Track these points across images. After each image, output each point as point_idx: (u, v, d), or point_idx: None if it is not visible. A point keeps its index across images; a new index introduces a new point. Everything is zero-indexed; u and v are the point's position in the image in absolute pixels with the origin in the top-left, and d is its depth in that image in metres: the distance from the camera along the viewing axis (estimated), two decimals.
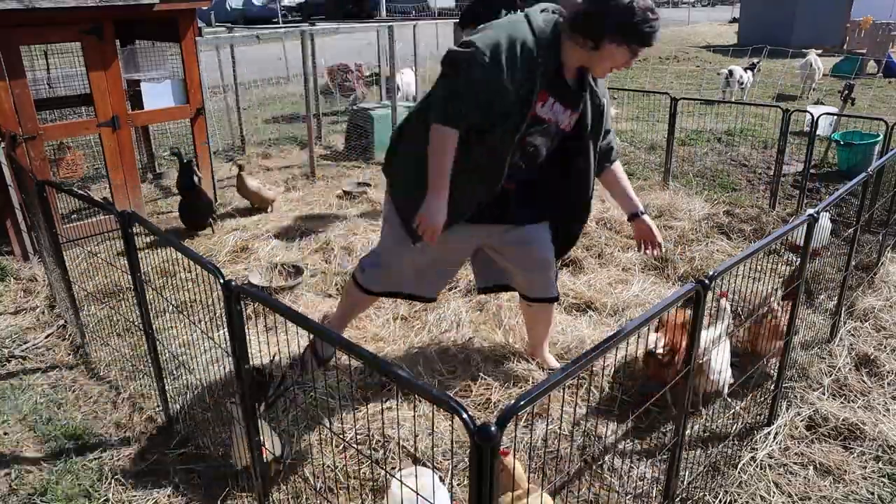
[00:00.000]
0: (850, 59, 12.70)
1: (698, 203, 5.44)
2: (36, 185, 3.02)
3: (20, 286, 4.17)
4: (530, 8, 2.57)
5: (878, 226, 4.45)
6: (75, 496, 2.47)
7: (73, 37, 4.61)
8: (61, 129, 5.02)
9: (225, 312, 2.00)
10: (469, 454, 1.34)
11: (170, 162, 6.87)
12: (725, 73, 10.23)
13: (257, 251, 4.61)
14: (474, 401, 2.96)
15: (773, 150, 6.12)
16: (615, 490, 2.44)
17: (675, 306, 1.87)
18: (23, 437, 2.82)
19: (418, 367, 3.20)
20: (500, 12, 5.07)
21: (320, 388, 2.96)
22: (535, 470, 2.53)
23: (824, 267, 3.90)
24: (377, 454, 2.62)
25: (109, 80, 4.68)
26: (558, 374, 1.47)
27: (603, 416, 2.81)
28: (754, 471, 2.57)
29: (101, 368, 3.29)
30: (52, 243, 3.21)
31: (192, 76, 5.14)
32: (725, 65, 11.63)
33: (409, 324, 3.62)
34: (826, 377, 3.13)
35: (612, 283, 4.02)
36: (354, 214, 5.23)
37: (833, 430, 2.79)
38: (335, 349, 3.02)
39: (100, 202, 2.96)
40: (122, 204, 4.80)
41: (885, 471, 2.58)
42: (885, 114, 8.15)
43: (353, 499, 2.43)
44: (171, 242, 2.39)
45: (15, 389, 3.13)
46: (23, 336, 3.61)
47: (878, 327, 3.59)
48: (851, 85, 7.68)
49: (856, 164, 6.27)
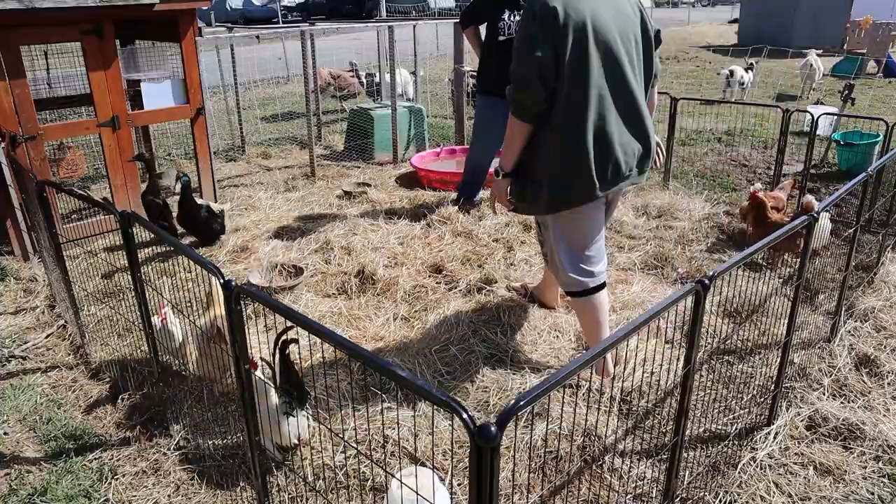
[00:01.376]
0: (850, 59, 12.70)
1: (698, 203, 5.44)
2: (36, 185, 3.02)
3: (20, 286, 4.18)
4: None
5: (878, 226, 4.45)
6: (75, 496, 2.47)
7: (73, 37, 4.60)
8: (61, 129, 5.02)
9: (225, 312, 2.00)
10: (469, 454, 1.34)
11: (170, 162, 6.87)
12: (726, 73, 10.23)
13: (257, 251, 4.61)
14: (474, 401, 2.96)
15: (773, 150, 6.13)
16: (615, 490, 2.44)
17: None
18: (23, 437, 2.82)
19: (418, 367, 3.20)
20: (504, 11, 5.08)
21: (320, 387, 2.96)
22: (535, 470, 2.53)
23: (824, 267, 3.90)
24: (377, 454, 2.62)
25: (109, 80, 4.69)
26: (558, 374, 1.47)
27: (603, 416, 2.81)
28: (754, 471, 2.57)
29: (101, 368, 3.29)
30: (52, 243, 3.21)
31: (192, 76, 5.14)
32: (725, 65, 11.63)
33: (409, 324, 3.62)
34: (826, 377, 3.13)
35: (611, 283, 4.02)
36: (354, 214, 5.23)
37: (833, 430, 2.79)
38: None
39: (100, 202, 2.95)
40: (122, 204, 4.81)
41: (885, 471, 2.58)
42: (885, 114, 8.15)
43: (353, 499, 2.43)
44: (171, 242, 2.39)
45: (15, 389, 3.13)
46: (23, 336, 3.61)
47: (878, 327, 3.59)
48: (851, 85, 7.67)
49: (856, 164, 6.27)
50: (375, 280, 4.08)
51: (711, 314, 3.54)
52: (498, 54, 4.94)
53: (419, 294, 3.92)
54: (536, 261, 4.33)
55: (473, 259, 4.38)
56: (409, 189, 6.01)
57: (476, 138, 5.33)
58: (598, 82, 2.63)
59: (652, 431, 2.78)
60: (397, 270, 4.20)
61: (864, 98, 9.69)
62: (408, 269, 4.22)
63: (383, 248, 4.53)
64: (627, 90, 2.72)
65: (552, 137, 2.70)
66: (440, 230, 4.87)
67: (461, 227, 4.91)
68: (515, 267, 4.25)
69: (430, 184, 6.02)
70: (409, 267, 4.26)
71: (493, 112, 5.08)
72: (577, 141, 2.66)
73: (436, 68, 11.34)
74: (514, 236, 4.75)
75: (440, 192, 5.81)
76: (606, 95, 2.67)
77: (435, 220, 5.03)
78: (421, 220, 5.10)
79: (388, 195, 5.77)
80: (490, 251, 4.50)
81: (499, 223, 4.97)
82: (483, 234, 4.79)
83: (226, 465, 2.57)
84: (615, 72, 2.67)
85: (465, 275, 4.12)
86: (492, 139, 5.29)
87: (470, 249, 4.52)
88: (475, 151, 5.39)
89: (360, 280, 4.10)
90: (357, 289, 4.01)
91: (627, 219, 5.07)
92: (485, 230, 4.85)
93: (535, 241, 4.69)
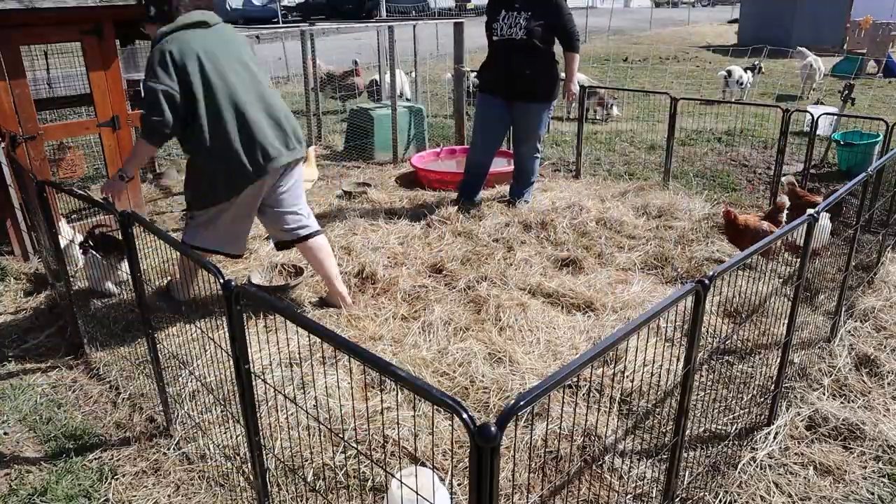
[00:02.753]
0: (850, 59, 12.71)
1: (698, 203, 5.44)
2: (36, 185, 3.02)
3: (20, 286, 4.18)
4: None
5: (878, 226, 4.45)
6: (75, 496, 2.47)
7: (73, 37, 4.61)
8: (61, 129, 5.02)
9: (225, 312, 2.00)
10: (469, 454, 1.34)
11: (170, 162, 6.87)
12: (725, 74, 10.24)
13: (257, 251, 4.61)
14: (474, 401, 2.96)
15: (773, 150, 6.13)
16: (615, 490, 2.44)
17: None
18: (23, 437, 2.82)
19: (418, 367, 3.20)
20: (501, 11, 5.08)
21: (320, 388, 2.96)
22: (535, 470, 2.53)
23: (824, 267, 3.90)
24: (377, 454, 2.62)
25: (109, 80, 4.69)
26: (558, 374, 1.47)
27: (603, 416, 2.81)
28: (754, 471, 2.57)
29: (100, 368, 3.29)
30: (52, 243, 3.21)
31: None
32: (725, 65, 11.63)
33: (409, 324, 3.62)
34: (826, 377, 3.13)
35: (611, 283, 4.02)
36: (354, 214, 5.23)
37: (833, 430, 2.79)
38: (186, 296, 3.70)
39: (100, 202, 2.95)
40: (121, 204, 4.80)
41: (885, 471, 2.58)
42: (885, 114, 8.15)
43: (352, 499, 2.43)
44: (171, 243, 2.39)
45: (15, 389, 3.13)
46: (23, 336, 3.61)
47: (878, 327, 3.59)
48: (851, 85, 7.68)
49: (856, 164, 6.27)
50: (375, 280, 4.08)
51: (711, 314, 3.54)
52: (493, 54, 5.10)
53: (419, 294, 3.92)
54: (536, 261, 4.33)
55: (473, 259, 4.38)
56: (409, 189, 6.01)
57: (475, 137, 5.37)
58: (226, 93, 3.22)
59: (652, 431, 2.78)
60: (397, 270, 4.20)
61: (864, 98, 9.70)
62: (408, 269, 4.22)
63: (383, 248, 4.53)
64: (253, 91, 3.32)
65: (208, 148, 3.25)
66: (440, 230, 4.87)
67: (461, 227, 4.91)
68: (516, 267, 4.25)
69: (430, 184, 6.02)
70: (409, 267, 4.26)
71: (492, 111, 5.20)
72: (226, 142, 3.24)
73: (436, 68, 11.34)
74: (514, 236, 4.75)
75: (440, 191, 5.81)
76: (238, 101, 3.25)
77: (435, 220, 5.03)
78: (421, 220, 5.10)
79: (388, 195, 5.77)
80: (490, 251, 4.50)
81: (499, 223, 4.97)
82: (483, 234, 4.79)
83: (226, 466, 2.57)
84: (237, 82, 3.27)
85: (464, 275, 4.11)
86: (492, 137, 5.31)
87: (470, 249, 4.52)
88: (475, 150, 5.42)
89: (360, 280, 4.10)
90: (357, 289, 4.01)
91: (627, 219, 5.07)
92: (485, 230, 4.85)
93: (536, 241, 4.70)
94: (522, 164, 5.37)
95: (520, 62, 4.94)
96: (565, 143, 7.77)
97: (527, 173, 5.40)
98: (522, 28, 4.87)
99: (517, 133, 5.32)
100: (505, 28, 4.93)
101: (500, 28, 4.97)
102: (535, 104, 5.08)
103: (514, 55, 4.95)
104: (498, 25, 4.98)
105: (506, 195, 5.60)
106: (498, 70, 5.06)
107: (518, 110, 5.13)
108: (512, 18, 4.91)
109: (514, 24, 4.89)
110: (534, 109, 5.09)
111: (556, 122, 9.03)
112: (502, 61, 5.02)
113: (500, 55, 5.04)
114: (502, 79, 5.05)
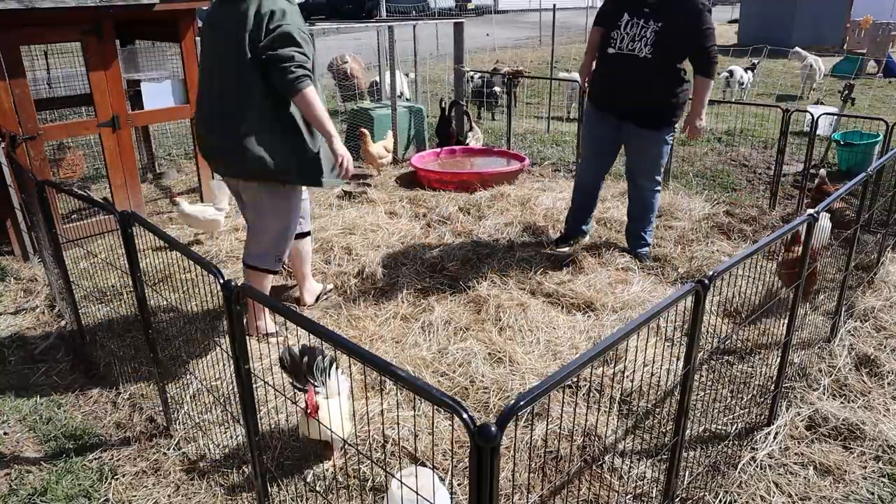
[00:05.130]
0: (850, 59, 12.71)
1: (698, 203, 5.45)
2: (36, 185, 3.02)
3: (20, 286, 4.18)
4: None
5: (879, 226, 4.45)
6: (75, 496, 2.47)
7: (73, 37, 4.60)
8: (61, 129, 5.02)
9: (225, 312, 2.00)
10: (469, 454, 1.34)
11: (170, 162, 6.87)
12: (725, 74, 10.24)
13: None
14: (474, 401, 2.96)
15: (773, 150, 6.13)
16: (615, 490, 2.44)
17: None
18: (23, 437, 2.82)
19: (418, 367, 3.20)
20: (623, 16, 4.15)
21: None
22: (535, 470, 2.53)
23: (824, 267, 3.90)
24: (377, 454, 2.62)
25: (109, 80, 4.68)
26: (558, 374, 1.47)
27: (603, 416, 2.81)
28: (754, 471, 2.57)
29: (100, 368, 3.29)
30: (52, 243, 3.21)
31: (193, 76, 5.14)
32: (725, 65, 11.63)
33: (409, 324, 3.62)
34: (826, 377, 3.13)
35: (611, 283, 4.02)
36: (354, 214, 5.23)
37: (833, 430, 2.79)
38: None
39: (100, 202, 2.95)
40: (122, 204, 4.80)
41: (885, 471, 2.59)
42: (885, 114, 8.16)
43: (352, 499, 2.43)
44: (171, 243, 2.39)
45: (15, 389, 3.13)
46: (23, 336, 3.61)
47: (878, 327, 3.59)
48: (851, 85, 7.68)
49: (856, 164, 6.27)
50: (375, 280, 4.08)
51: (711, 314, 3.54)
52: (608, 66, 4.22)
53: (419, 294, 3.92)
54: (536, 260, 4.33)
55: (473, 259, 4.38)
56: (409, 189, 6.01)
57: (587, 155, 4.62)
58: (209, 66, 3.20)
59: (652, 431, 2.78)
60: (397, 270, 4.20)
61: (863, 98, 9.70)
62: (408, 269, 4.22)
63: (383, 247, 4.53)
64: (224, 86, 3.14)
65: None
66: (440, 230, 4.87)
67: (461, 227, 4.91)
68: (516, 267, 4.25)
69: (430, 184, 6.02)
70: (409, 267, 4.26)
71: (605, 132, 4.38)
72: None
73: (436, 68, 11.34)
74: (515, 236, 4.75)
75: (440, 192, 5.81)
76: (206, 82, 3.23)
77: (435, 220, 5.03)
78: (421, 220, 5.10)
79: (388, 195, 5.77)
80: (490, 251, 4.50)
81: (499, 223, 4.97)
82: (483, 234, 4.79)
83: (226, 466, 2.57)
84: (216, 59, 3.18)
85: (464, 275, 4.12)
86: (607, 159, 4.55)
87: (470, 249, 4.52)
88: (586, 172, 4.59)
89: (360, 280, 4.10)
90: (357, 289, 4.01)
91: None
92: (485, 230, 4.85)
93: (536, 241, 4.70)
94: (640, 200, 4.41)
95: (640, 85, 4.06)
96: (565, 143, 7.77)
97: (646, 209, 4.42)
98: (649, 44, 3.96)
99: (633, 164, 4.40)
100: (626, 40, 4.02)
101: (619, 39, 4.06)
102: (657, 133, 4.20)
103: (634, 76, 4.06)
104: (618, 35, 4.06)
105: (504, 194, 5.59)
106: (614, 89, 4.22)
107: (634, 136, 4.26)
108: (637, 28, 3.98)
109: (639, 37, 3.98)
110: (655, 137, 4.21)
111: (556, 122, 9.03)
112: (620, 79, 4.16)
113: (617, 72, 4.16)
114: (618, 99, 4.22)
